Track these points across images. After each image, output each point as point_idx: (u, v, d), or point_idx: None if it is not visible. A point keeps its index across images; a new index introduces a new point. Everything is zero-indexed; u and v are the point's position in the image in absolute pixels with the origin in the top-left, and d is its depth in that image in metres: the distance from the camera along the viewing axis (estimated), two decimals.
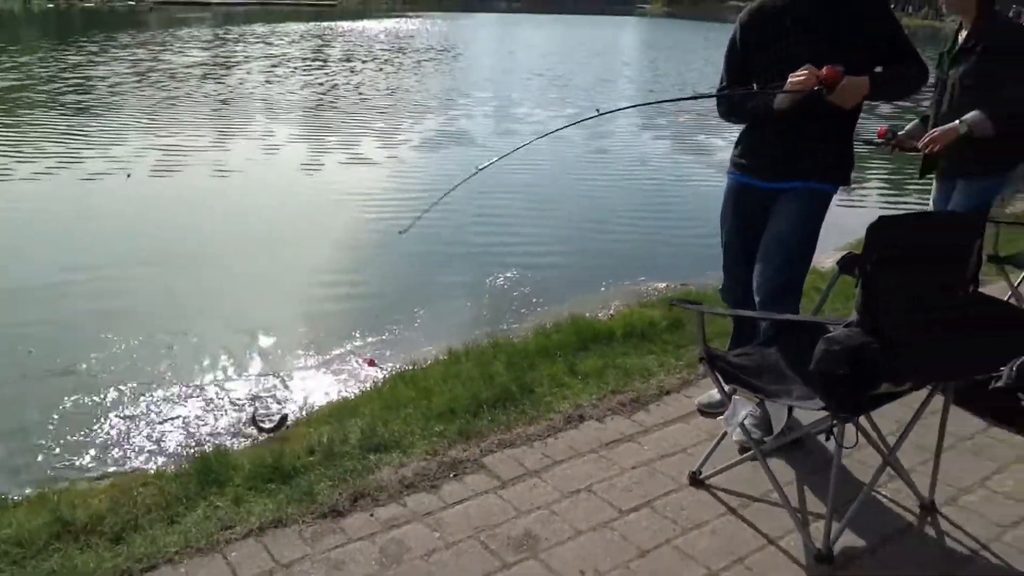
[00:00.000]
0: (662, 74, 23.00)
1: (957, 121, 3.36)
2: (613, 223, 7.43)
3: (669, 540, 2.37)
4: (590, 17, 69.49)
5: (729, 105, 2.93)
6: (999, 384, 3.14)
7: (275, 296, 5.41)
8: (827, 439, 2.24)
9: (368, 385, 3.78)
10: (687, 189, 9.08)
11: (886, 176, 9.99)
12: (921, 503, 2.52)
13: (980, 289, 3.80)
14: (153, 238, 6.53)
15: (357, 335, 4.66)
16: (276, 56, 23.89)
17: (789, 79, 2.62)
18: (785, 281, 2.81)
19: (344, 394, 3.76)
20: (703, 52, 31.15)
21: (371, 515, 2.47)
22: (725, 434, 2.63)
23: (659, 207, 8.17)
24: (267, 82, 17.37)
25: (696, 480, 2.65)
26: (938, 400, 2.52)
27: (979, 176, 3.57)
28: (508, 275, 5.71)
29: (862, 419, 2.43)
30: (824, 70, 2.56)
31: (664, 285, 5.14)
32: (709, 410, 3.11)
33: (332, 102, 14.83)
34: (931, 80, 3.30)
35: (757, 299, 2.86)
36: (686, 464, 2.74)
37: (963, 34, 3.52)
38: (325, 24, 43.10)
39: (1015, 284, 3.77)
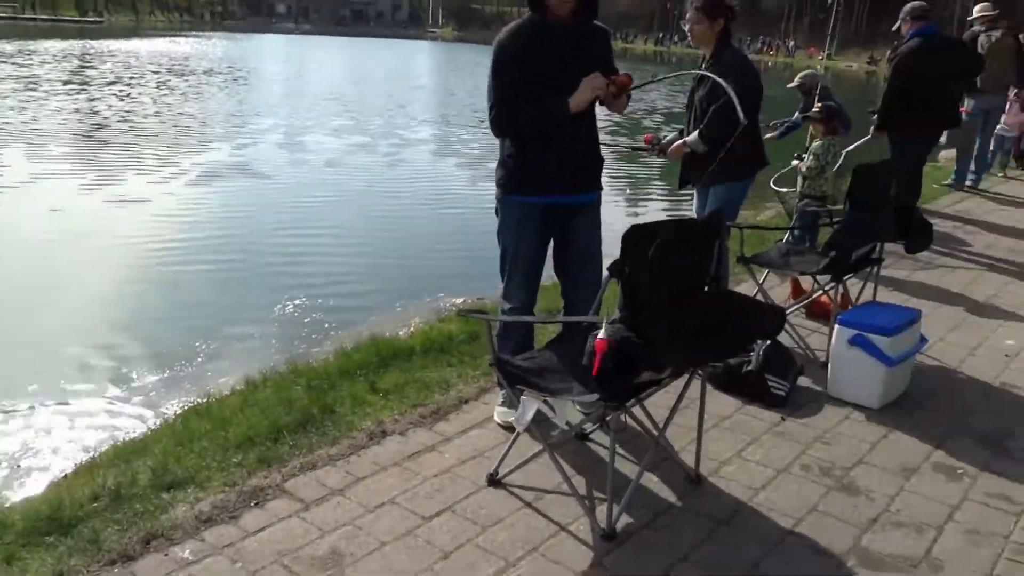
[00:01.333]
0: (457, 96, 23.57)
1: (682, 140, 3.98)
2: (410, 244, 7.57)
3: (470, 539, 2.49)
4: (382, 41, 69.66)
5: (520, 116, 2.96)
6: (750, 368, 3.61)
7: (40, 341, 4.97)
8: (600, 426, 2.46)
9: (158, 422, 3.61)
10: (479, 208, 9.36)
11: (655, 188, 10.96)
12: (688, 477, 2.84)
13: (733, 287, 4.35)
14: None
15: (137, 375, 4.42)
16: (24, 78, 21.67)
17: (586, 82, 2.85)
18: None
19: (131, 434, 3.55)
20: None
21: (166, 555, 2.37)
22: (519, 434, 2.81)
23: (454, 226, 8.40)
24: (11, 108, 15.60)
25: (494, 480, 2.80)
26: (697, 386, 2.86)
27: (725, 184, 4.08)
28: (306, 301, 5.64)
29: (637, 408, 2.72)
30: (620, 77, 2.91)
31: (461, 300, 5.32)
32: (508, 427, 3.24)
33: (93, 131, 13.61)
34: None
35: (576, 308, 3.14)
36: (485, 467, 2.88)
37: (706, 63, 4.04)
38: (89, 43, 39.92)
39: (760, 281, 4.31)
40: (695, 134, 3.93)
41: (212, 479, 2.79)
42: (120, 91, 19.82)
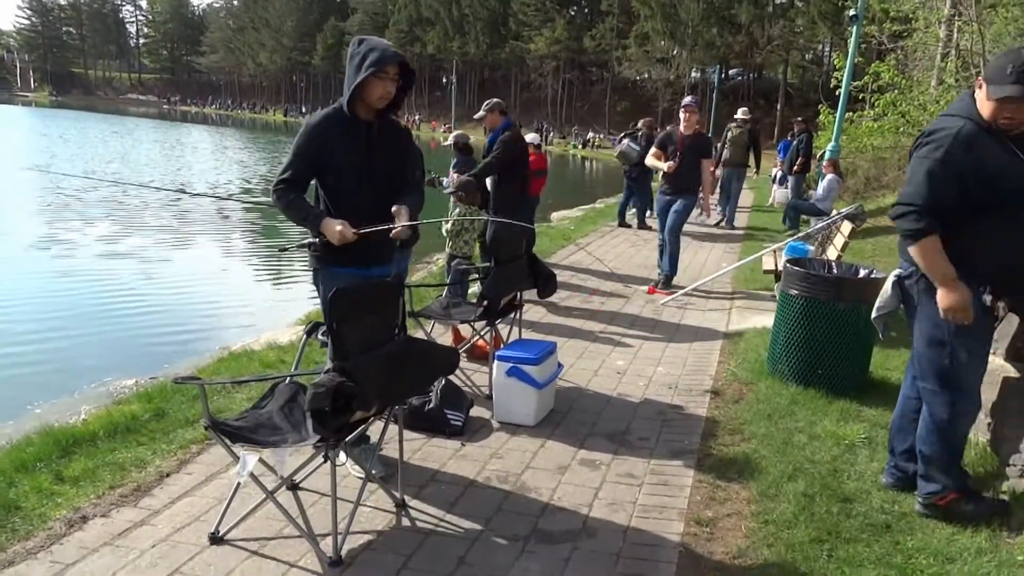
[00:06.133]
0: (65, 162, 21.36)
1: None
2: (60, 331, 6.94)
3: None
4: None
5: (291, 205, 3.17)
6: (431, 405, 4.16)
7: None
8: (324, 462, 2.78)
9: None
10: (114, 290, 8.78)
11: None
12: (396, 502, 3.26)
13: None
14: None
15: None
16: None
17: (341, 231, 3.06)
18: None
19: None
20: (121, 143, 29.79)
21: None
22: (235, 492, 2.99)
23: (113, 309, 7.85)
24: None
25: (216, 539, 2.93)
26: (393, 428, 3.31)
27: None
28: None
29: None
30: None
31: (133, 381, 5.12)
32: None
33: None
34: None
35: None
36: (204, 529, 2.99)
37: None
38: None
39: (428, 331, 4.92)
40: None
41: None
42: None
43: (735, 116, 13.28)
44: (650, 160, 8.06)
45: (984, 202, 2.95)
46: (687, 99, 8.09)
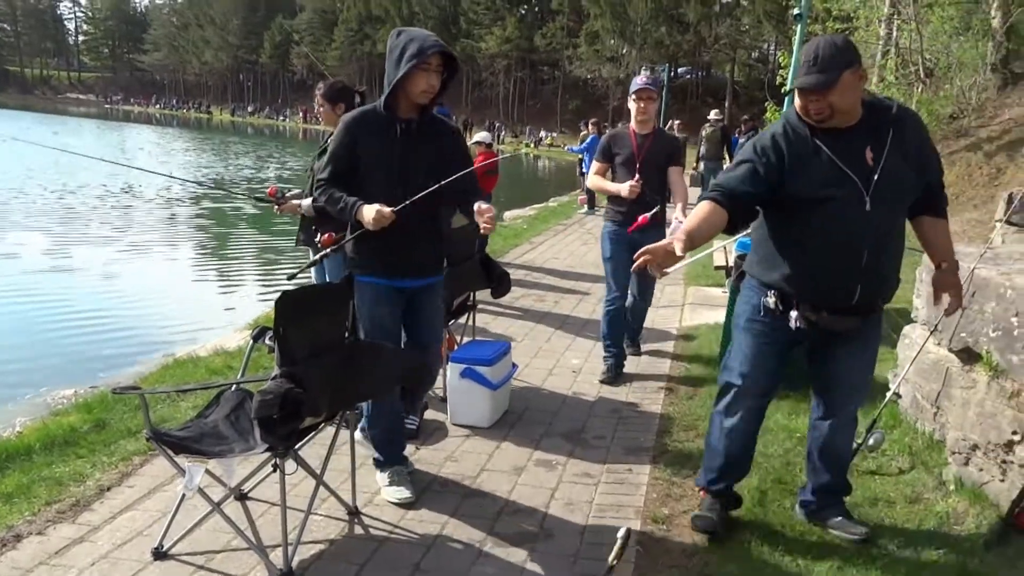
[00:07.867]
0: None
1: (298, 201, 4.45)
2: None
3: None
4: None
5: (330, 199, 3.11)
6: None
7: None
8: (273, 471, 2.69)
9: None
10: (87, 293, 8.51)
11: (273, 256, 11.08)
12: (348, 510, 3.18)
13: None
14: None
15: None
16: None
17: (376, 217, 2.95)
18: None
19: None
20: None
21: None
22: (180, 505, 2.88)
23: (51, 316, 7.58)
24: None
25: (160, 554, 2.82)
26: (345, 434, 3.23)
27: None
28: None
29: (295, 460, 2.97)
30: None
31: (72, 391, 4.93)
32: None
33: None
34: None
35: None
36: (147, 545, 2.87)
37: None
38: None
39: None
40: (308, 200, 4.31)
41: None
42: None
43: (708, 117, 14.47)
44: (595, 181, 5.12)
45: (785, 204, 2.82)
46: (640, 79, 5.02)
